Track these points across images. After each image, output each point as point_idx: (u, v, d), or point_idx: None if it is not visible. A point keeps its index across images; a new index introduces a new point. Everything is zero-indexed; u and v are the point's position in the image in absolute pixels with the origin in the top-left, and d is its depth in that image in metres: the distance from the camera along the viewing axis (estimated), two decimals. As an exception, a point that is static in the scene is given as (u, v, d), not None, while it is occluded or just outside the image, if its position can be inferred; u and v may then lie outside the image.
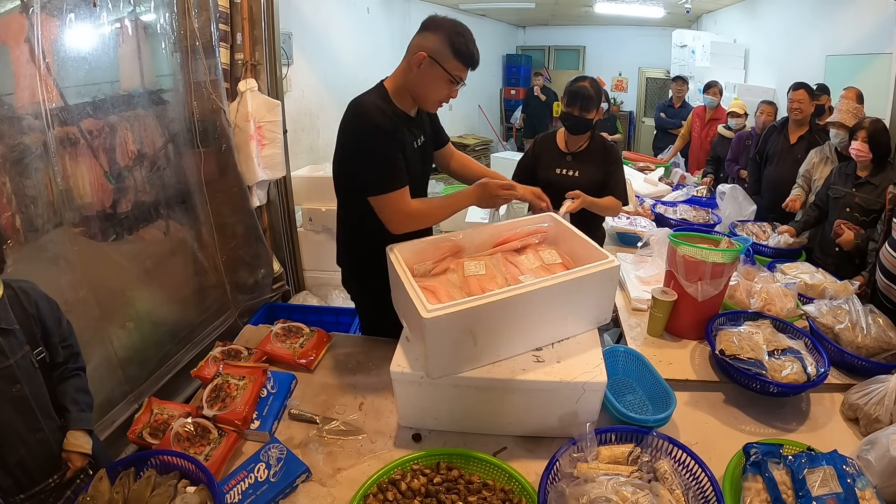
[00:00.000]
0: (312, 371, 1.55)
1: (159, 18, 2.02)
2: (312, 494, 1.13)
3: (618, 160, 2.15)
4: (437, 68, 1.33)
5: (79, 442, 1.20)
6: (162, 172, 2.07)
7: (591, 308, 1.32)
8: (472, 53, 1.34)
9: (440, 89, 1.38)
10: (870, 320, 1.51)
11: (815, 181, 2.70)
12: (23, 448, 1.12)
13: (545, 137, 2.24)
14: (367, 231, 1.50)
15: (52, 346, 1.21)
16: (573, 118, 2.04)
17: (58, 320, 1.24)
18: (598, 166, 2.11)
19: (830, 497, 0.97)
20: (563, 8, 7.53)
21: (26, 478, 1.14)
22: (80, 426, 1.22)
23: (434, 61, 1.32)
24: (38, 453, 1.15)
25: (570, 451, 1.09)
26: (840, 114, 2.53)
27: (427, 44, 1.33)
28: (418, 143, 1.50)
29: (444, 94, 1.40)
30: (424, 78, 1.35)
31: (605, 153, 2.13)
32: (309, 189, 3.14)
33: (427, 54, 1.32)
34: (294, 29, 3.66)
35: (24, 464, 1.13)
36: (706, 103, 4.40)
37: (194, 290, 2.33)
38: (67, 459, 1.19)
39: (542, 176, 2.16)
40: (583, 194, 1.92)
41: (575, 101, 2.01)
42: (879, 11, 3.47)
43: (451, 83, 1.37)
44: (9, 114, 1.46)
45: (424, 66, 1.34)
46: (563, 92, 2.09)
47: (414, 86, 1.38)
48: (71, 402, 1.22)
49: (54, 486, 1.19)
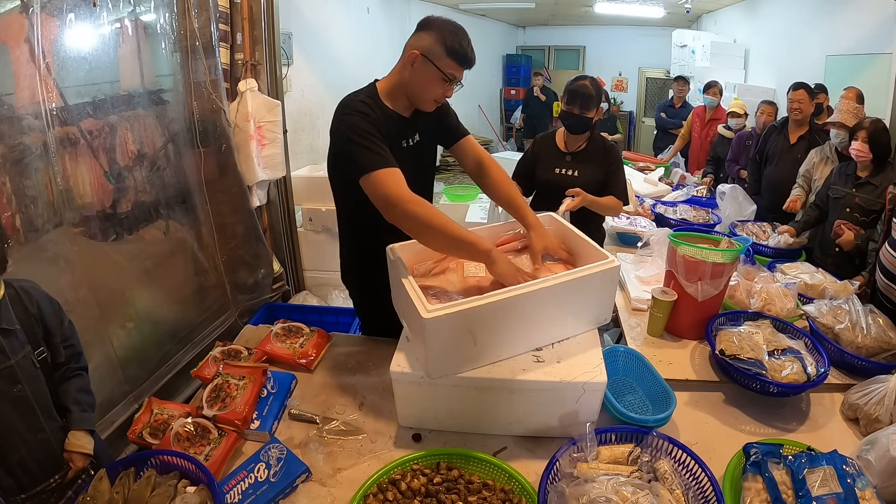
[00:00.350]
0: (312, 371, 1.55)
1: (159, 18, 2.02)
2: (312, 494, 1.13)
3: (618, 160, 2.14)
4: (431, 66, 1.33)
5: (80, 442, 1.20)
6: (162, 172, 2.07)
7: (591, 308, 1.32)
8: (465, 52, 1.34)
9: (434, 88, 1.38)
10: (870, 320, 1.51)
11: (815, 181, 2.70)
12: (24, 448, 1.12)
13: (544, 137, 2.24)
14: (366, 230, 1.50)
15: (54, 346, 1.21)
16: (573, 117, 2.03)
17: (59, 320, 1.24)
18: (597, 166, 2.10)
19: (830, 497, 0.97)
20: (563, 8, 7.53)
21: (27, 478, 1.14)
22: (82, 426, 1.22)
23: (427, 60, 1.33)
24: (39, 453, 1.15)
25: (570, 451, 1.09)
26: (840, 114, 2.53)
27: (421, 43, 1.34)
28: (410, 142, 1.49)
29: (439, 93, 1.40)
30: (418, 76, 1.36)
31: (605, 153, 2.12)
32: (309, 189, 3.14)
33: (420, 53, 1.33)
34: (294, 29, 3.66)
35: (26, 464, 1.13)
36: (706, 103, 4.40)
37: (194, 290, 2.33)
38: (69, 459, 1.19)
39: (541, 176, 2.16)
40: (583, 192, 1.92)
41: (575, 100, 2.00)
42: (879, 11, 3.47)
43: (445, 81, 1.37)
44: (9, 114, 1.46)
45: (418, 64, 1.34)
46: (563, 91, 2.08)
47: (409, 84, 1.39)
48: (73, 402, 1.22)
49: (55, 486, 1.19)
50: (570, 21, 8.84)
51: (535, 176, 2.18)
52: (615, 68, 9.02)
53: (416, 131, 1.51)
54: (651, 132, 5.77)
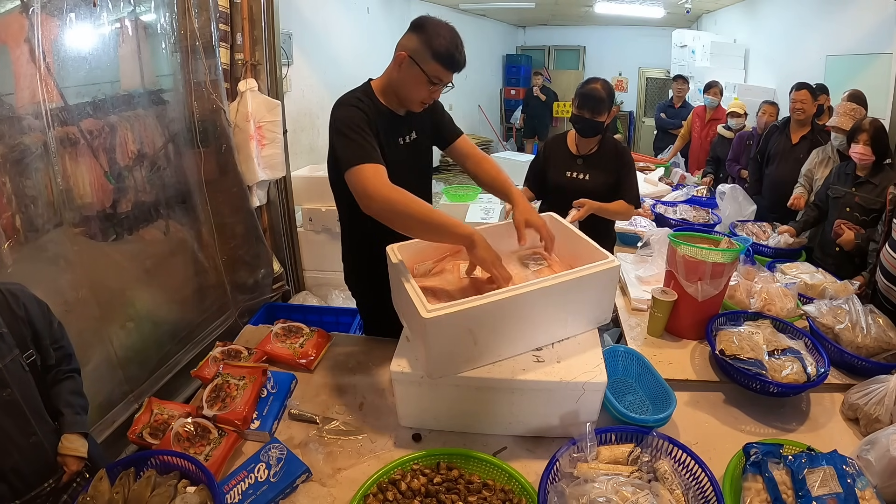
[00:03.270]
0: (312, 371, 1.55)
1: (159, 18, 2.02)
2: (312, 494, 1.13)
3: (630, 163, 2.09)
4: (416, 69, 1.32)
5: (74, 445, 1.18)
6: (162, 172, 2.07)
7: (591, 308, 1.32)
8: (451, 55, 1.32)
9: (420, 89, 1.37)
10: (870, 320, 1.51)
11: (816, 181, 2.70)
12: (17, 453, 1.10)
13: (555, 139, 2.19)
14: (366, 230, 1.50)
15: (44, 349, 1.19)
16: (583, 121, 1.98)
17: (48, 322, 1.22)
18: (609, 169, 2.06)
19: (830, 497, 0.97)
20: (563, 8, 7.54)
21: (21, 483, 1.12)
22: (75, 429, 1.19)
23: (413, 62, 1.32)
24: (32, 458, 1.13)
25: (570, 451, 1.09)
26: (839, 117, 2.53)
27: (409, 44, 1.33)
28: (407, 139, 1.49)
29: (424, 95, 1.38)
30: (405, 78, 1.35)
31: (617, 156, 2.08)
32: (309, 189, 3.14)
33: (407, 54, 1.32)
34: (294, 29, 3.67)
35: (19, 469, 1.11)
36: (706, 103, 4.40)
37: (194, 290, 2.33)
38: (63, 463, 1.17)
39: (552, 179, 2.12)
40: (588, 201, 1.90)
41: (585, 104, 1.95)
42: (879, 11, 3.47)
43: (430, 84, 1.35)
44: (9, 114, 1.46)
45: (405, 66, 1.34)
46: (574, 93, 2.03)
47: (396, 85, 1.39)
48: (65, 404, 1.20)
49: (50, 490, 1.17)
50: (570, 21, 8.84)
51: (546, 179, 2.14)
52: (615, 68, 9.02)
53: (412, 129, 1.51)
54: (651, 132, 5.76)
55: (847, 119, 2.48)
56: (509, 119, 9.05)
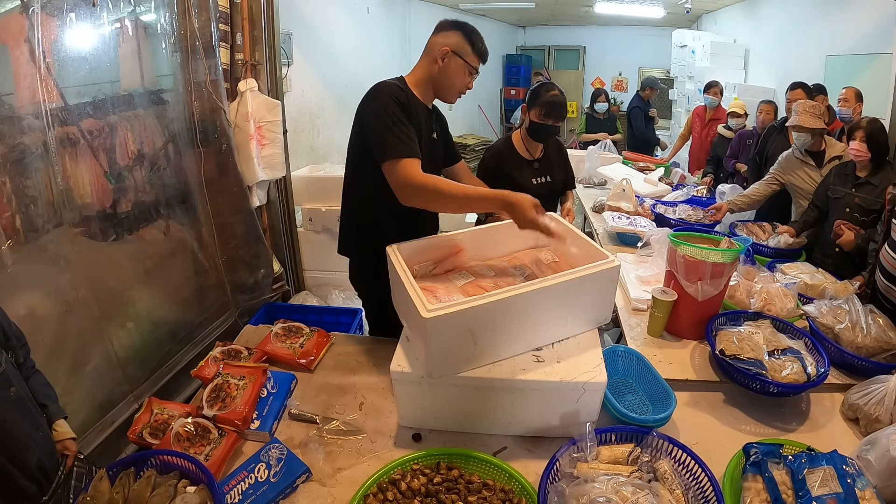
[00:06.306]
0: (312, 371, 1.55)
1: (159, 18, 2.02)
2: (312, 494, 1.13)
3: (567, 152, 2.29)
4: (459, 60, 1.53)
5: (65, 430, 1.23)
6: (162, 172, 2.07)
7: (591, 308, 1.32)
8: (485, 48, 1.58)
9: (462, 79, 1.56)
10: (870, 320, 1.51)
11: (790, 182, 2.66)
12: (37, 448, 1.13)
13: (503, 149, 2.13)
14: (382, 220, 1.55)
15: (14, 348, 1.21)
16: (547, 129, 2.04)
17: (9, 322, 1.24)
18: (559, 165, 2.21)
19: (830, 497, 0.97)
20: (563, 8, 7.53)
21: (44, 477, 1.14)
22: (60, 415, 1.24)
23: (456, 55, 1.52)
24: (47, 451, 1.16)
25: (570, 451, 1.09)
26: (798, 116, 2.50)
27: (449, 40, 1.52)
28: (435, 136, 1.63)
29: (464, 84, 1.58)
30: (448, 69, 1.53)
31: (560, 149, 2.25)
32: (309, 189, 3.14)
33: (451, 49, 1.51)
34: (294, 29, 3.66)
35: (42, 463, 1.13)
36: (706, 103, 4.40)
37: (194, 290, 2.33)
38: (63, 448, 1.21)
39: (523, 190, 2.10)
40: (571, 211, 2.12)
41: (552, 112, 2.00)
42: (879, 11, 3.47)
43: (470, 74, 1.56)
44: (9, 114, 1.46)
45: (448, 59, 1.52)
46: (536, 102, 2.01)
47: (438, 77, 1.54)
48: (44, 396, 1.23)
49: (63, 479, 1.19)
50: (570, 21, 8.83)
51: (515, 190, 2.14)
52: (615, 68, 9.02)
53: (438, 127, 1.67)
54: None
55: (807, 117, 2.46)
56: (509, 119, 9.05)
